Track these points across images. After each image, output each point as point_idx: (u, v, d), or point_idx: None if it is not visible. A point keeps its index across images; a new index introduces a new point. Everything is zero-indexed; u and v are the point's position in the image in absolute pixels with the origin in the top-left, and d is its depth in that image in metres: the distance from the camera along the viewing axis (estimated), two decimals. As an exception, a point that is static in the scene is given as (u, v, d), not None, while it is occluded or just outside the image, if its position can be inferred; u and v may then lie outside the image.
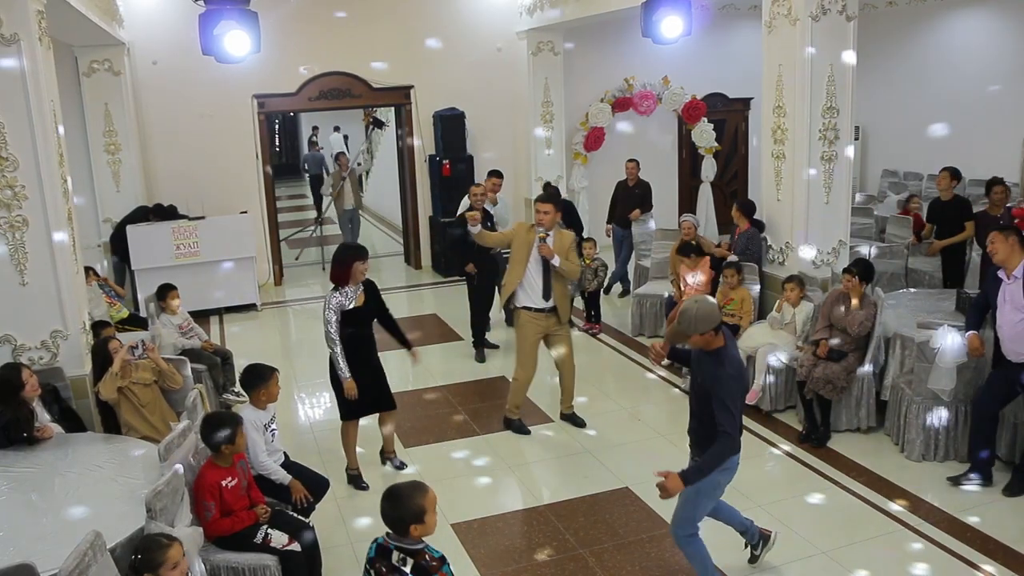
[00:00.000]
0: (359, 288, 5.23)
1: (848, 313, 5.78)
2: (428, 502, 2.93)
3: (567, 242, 5.91)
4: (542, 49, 11.36)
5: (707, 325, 3.72)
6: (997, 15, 11.35)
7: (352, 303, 5.18)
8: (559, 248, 5.83)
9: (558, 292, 5.95)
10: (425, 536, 2.96)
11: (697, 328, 3.73)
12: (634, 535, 4.78)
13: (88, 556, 3.01)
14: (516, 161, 11.88)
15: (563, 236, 5.93)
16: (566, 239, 5.92)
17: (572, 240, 5.99)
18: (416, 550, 2.92)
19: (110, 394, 5.05)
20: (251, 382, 4.59)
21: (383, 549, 2.96)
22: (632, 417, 6.50)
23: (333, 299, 5.12)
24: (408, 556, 2.90)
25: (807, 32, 6.40)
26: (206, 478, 3.92)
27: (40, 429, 4.57)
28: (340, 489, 5.31)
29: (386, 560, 2.93)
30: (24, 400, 4.55)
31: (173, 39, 9.89)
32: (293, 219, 17.58)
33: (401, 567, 2.89)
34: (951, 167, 7.71)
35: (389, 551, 2.93)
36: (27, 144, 4.94)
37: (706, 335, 3.74)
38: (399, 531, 2.93)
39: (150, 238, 9.27)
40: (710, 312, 3.74)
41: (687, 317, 3.74)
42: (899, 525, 4.77)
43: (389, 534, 2.96)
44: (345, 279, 5.14)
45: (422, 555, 2.90)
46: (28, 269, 5.08)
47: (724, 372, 3.75)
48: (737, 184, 13.02)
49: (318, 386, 7.36)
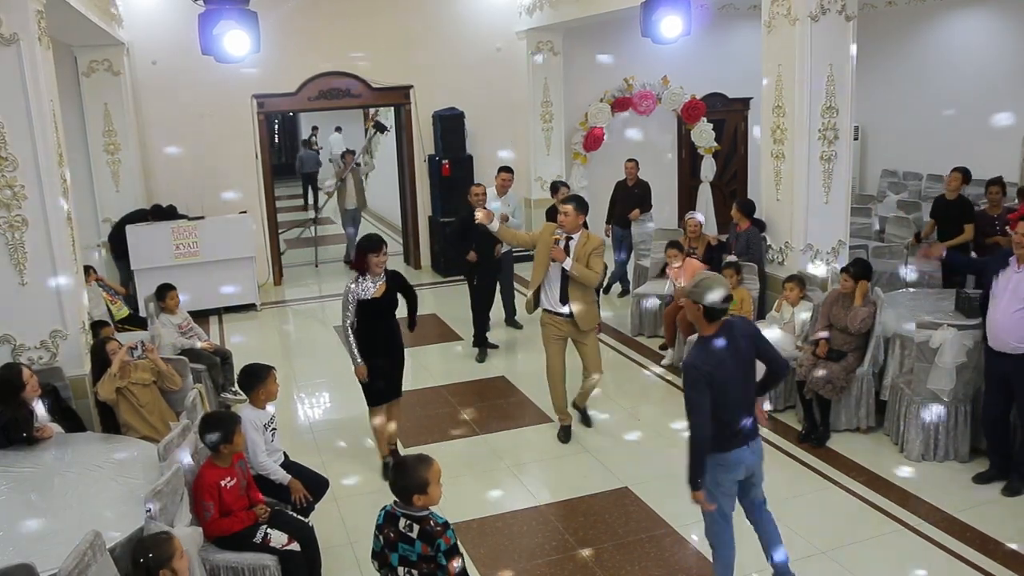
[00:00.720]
0: (380, 279, 5.34)
1: (849, 311, 5.78)
2: (432, 474, 3.10)
3: (590, 246, 5.61)
4: (541, 49, 11.37)
5: (699, 295, 3.61)
6: (997, 15, 11.35)
7: (370, 294, 5.30)
8: (581, 252, 5.58)
9: (577, 299, 5.65)
10: (429, 505, 3.12)
11: (692, 293, 3.64)
12: (633, 535, 4.78)
13: (88, 556, 3.01)
14: (516, 161, 11.86)
15: (588, 240, 5.64)
16: (591, 243, 5.63)
17: (597, 244, 5.64)
18: (421, 517, 3.11)
19: (108, 395, 5.05)
20: (249, 383, 4.59)
21: (391, 516, 3.16)
22: (632, 417, 6.50)
23: (349, 289, 5.31)
24: (414, 522, 3.10)
25: (806, 32, 6.41)
26: (205, 478, 3.92)
27: (40, 429, 4.57)
28: (340, 489, 5.31)
29: (394, 526, 3.14)
30: (24, 400, 4.55)
31: (173, 39, 9.87)
32: (293, 219, 17.60)
33: (407, 532, 3.10)
34: (963, 168, 7.67)
35: (396, 518, 3.13)
36: (26, 144, 4.94)
37: (695, 308, 3.63)
38: (404, 500, 3.11)
39: (150, 238, 9.27)
40: (712, 287, 3.61)
41: (697, 279, 3.68)
42: (898, 525, 4.77)
43: (396, 502, 3.15)
44: (363, 270, 5.32)
45: (427, 521, 3.10)
46: (27, 269, 5.08)
47: (687, 361, 3.68)
48: (737, 184, 13.02)
49: (318, 386, 7.36)
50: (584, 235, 5.65)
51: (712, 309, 3.63)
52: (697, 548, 4.61)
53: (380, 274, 5.35)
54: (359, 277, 5.33)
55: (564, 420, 6.08)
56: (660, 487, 5.31)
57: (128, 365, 5.19)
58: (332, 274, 11.84)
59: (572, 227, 5.62)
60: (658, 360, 7.66)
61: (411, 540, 3.09)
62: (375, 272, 5.32)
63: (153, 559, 3.10)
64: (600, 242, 5.68)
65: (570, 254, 5.61)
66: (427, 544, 3.07)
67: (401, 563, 3.13)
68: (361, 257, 5.31)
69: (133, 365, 5.23)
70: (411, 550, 3.10)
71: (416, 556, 3.09)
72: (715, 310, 3.64)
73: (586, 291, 5.72)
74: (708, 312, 3.64)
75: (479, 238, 7.63)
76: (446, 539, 3.06)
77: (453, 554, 3.07)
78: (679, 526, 4.82)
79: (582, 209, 5.66)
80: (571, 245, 5.62)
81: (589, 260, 5.59)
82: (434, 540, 3.06)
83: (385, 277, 5.38)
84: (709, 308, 3.63)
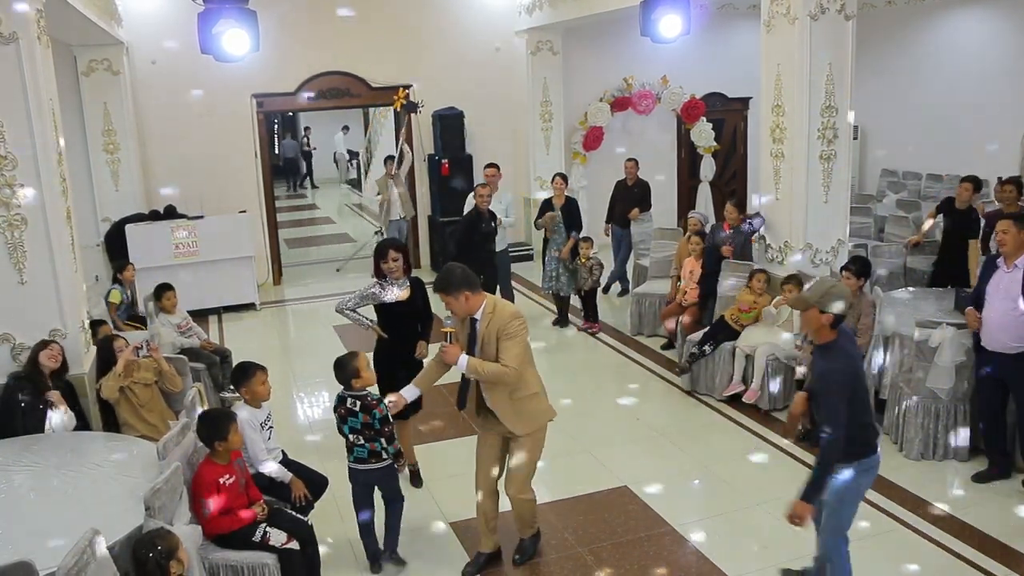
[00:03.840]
0: (404, 284, 5.34)
1: (853, 309, 5.80)
2: (360, 363, 4.32)
3: (497, 322, 4.06)
4: (541, 48, 11.37)
5: (829, 302, 3.54)
6: (996, 14, 11.35)
7: (395, 297, 5.30)
8: (488, 331, 4.10)
9: (498, 399, 4.20)
10: (366, 386, 4.34)
11: (820, 301, 3.56)
12: (633, 534, 4.78)
13: (87, 554, 3.01)
14: (515, 161, 11.89)
15: (496, 313, 4.10)
16: (498, 316, 4.08)
17: (506, 321, 4.04)
18: (361, 395, 4.31)
19: (111, 393, 5.05)
20: (236, 379, 4.65)
21: (341, 398, 4.36)
22: (631, 416, 6.50)
23: (372, 286, 5.36)
24: (356, 399, 4.29)
25: (806, 31, 6.40)
26: (204, 476, 3.92)
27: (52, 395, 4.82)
28: (339, 488, 5.30)
29: (343, 405, 4.34)
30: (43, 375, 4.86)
31: (172, 38, 9.88)
32: (293, 219, 17.63)
33: (352, 407, 4.30)
34: (972, 177, 7.42)
35: (345, 399, 4.33)
36: (26, 143, 4.94)
37: (822, 317, 3.56)
38: (347, 385, 4.33)
39: (149, 237, 9.26)
40: (841, 295, 3.59)
41: (822, 285, 3.62)
42: (897, 524, 4.77)
43: (344, 388, 4.33)
44: (377, 273, 5.36)
45: (365, 398, 4.30)
46: (27, 268, 5.08)
47: (827, 366, 3.61)
48: (736, 184, 13.02)
49: (317, 385, 7.36)
50: (490, 307, 4.11)
51: (840, 317, 3.61)
52: (696, 548, 4.61)
53: (402, 279, 5.34)
54: (382, 282, 5.35)
55: (483, 545, 4.53)
56: (660, 487, 5.31)
57: (133, 364, 5.20)
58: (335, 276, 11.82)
59: (463, 310, 4.11)
60: (658, 360, 7.66)
61: (356, 413, 4.29)
62: (393, 276, 5.30)
63: (163, 552, 3.16)
64: (511, 314, 4.09)
65: (476, 340, 4.15)
66: (367, 415, 4.26)
67: (351, 432, 4.35)
68: (375, 261, 5.36)
69: (136, 364, 5.24)
70: (356, 421, 4.30)
71: (360, 424, 4.29)
72: (841, 317, 3.62)
73: (514, 387, 4.15)
74: (836, 320, 3.61)
75: (481, 239, 7.70)
76: (379, 409, 4.26)
77: (386, 422, 4.28)
78: (679, 525, 4.81)
79: (454, 287, 4.05)
80: (477, 328, 4.15)
81: (500, 344, 4.04)
82: (371, 411, 4.26)
83: (410, 283, 5.37)
84: (838, 316, 3.60)
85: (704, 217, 8.34)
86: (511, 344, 4.03)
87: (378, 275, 5.37)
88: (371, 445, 4.32)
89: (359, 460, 4.38)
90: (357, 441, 4.34)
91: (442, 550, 4.74)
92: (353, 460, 4.41)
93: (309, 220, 18.21)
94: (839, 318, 3.61)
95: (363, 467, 4.39)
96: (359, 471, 4.42)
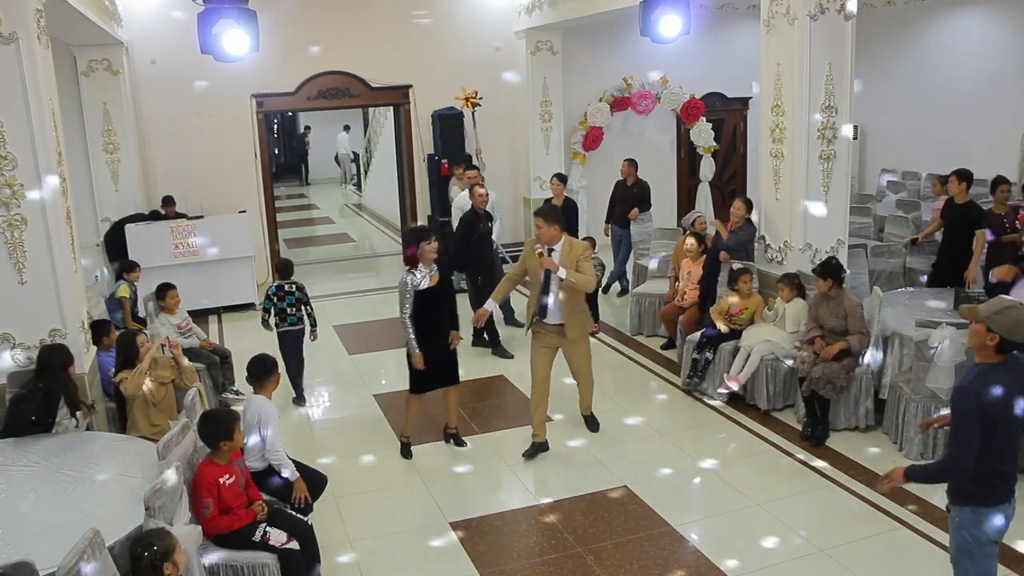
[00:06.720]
0: (432, 269, 5.53)
1: (834, 309, 5.84)
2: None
3: (576, 253, 5.51)
4: (541, 48, 11.37)
5: (1001, 324, 3.19)
6: (996, 14, 11.36)
7: (426, 283, 5.48)
8: (568, 260, 5.45)
9: (567, 308, 5.56)
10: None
11: (990, 317, 3.21)
12: (633, 534, 4.78)
13: (87, 554, 3.01)
14: (515, 160, 11.89)
15: (572, 246, 5.55)
16: (575, 249, 5.53)
17: (583, 249, 5.57)
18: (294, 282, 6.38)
19: (136, 390, 5.03)
20: (258, 373, 4.64)
21: (279, 285, 6.51)
22: (631, 416, 6.50)
23: (405, 281, 5.49)
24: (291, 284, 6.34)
25: (805, 31, 6.40)
26: (204, 476, 3.92)
27: None
28: (339, 488, 5.31)
29: (282, 290, 6.58)
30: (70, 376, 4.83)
31: (172, 38, 9.87)
32: (293, 219, 17.64)
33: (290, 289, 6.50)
34: (960, 170, 7.47)
35: (282, 285, 6.48)
36: (25, 143, 4.93)
37: (988, 335, 3.23)
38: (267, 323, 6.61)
39: (149, 237, 9.26)
40: (1017, 321, 3.20)
41: (1000, 303, 3.25)
42: (897, 523, 4.77)
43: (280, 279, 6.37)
44: (414, 260, 5.49)
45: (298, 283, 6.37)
46: (27, 268, 5.07)
47: (960, 385, 3.34)
48: (736, 183, 13.02)
49: (317, 385, 7.36)
50: (567, 243, 5.56)
51: (1010, 344, 3.25)
52: (696, 547, 4.62)
53: (432, 264, 5.51)
54: (411, 269, 5.50)
55: (537, 437, 5.81)
56: (660, 486, 5.32)
57: (156, 361, 5.21)
58: (335, 276, 11.80)
59: (548, 238, 5.49)
60: (658, 360, 7.67)
61: (292, 293, 6.55)
62: (428, 260, 5.47)
63: (158, 552, 3.14)
64: (584, 246, 5.63)
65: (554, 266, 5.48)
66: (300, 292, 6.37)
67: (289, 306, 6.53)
68: (412, 247, 5.47)
69: (155, 362, 5.25)
70: (292, 298, 6.49)
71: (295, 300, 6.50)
72: (1012, 344, 3.25)
73: (576, 300, 5.61)
74: (1003, 345, 3.24)
75: (479, 239, 7.70)
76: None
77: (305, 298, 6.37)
78: (678, 525, 4.82)
79: (553, 219, 5.50)
80: (555, 256, 5.48)
81: (579, 266, 5.46)
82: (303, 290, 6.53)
83: (436, 267, 5.56)
84: (1007, 342, 3.24)
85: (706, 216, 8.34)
86: (588, 265, 5.52)
87: (409, 263, 5.52)
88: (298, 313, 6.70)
89: (291, 325, 6.69)
90: (292, 312, 6.66)
91: (442, 550, 4.75)
92: (287, 325, 6.69)
93: (307, 220, 18.22)
94: (1008, 343, 3.23)
95: (294, 328, 6.70)
96: (291, 331, 6.72)
